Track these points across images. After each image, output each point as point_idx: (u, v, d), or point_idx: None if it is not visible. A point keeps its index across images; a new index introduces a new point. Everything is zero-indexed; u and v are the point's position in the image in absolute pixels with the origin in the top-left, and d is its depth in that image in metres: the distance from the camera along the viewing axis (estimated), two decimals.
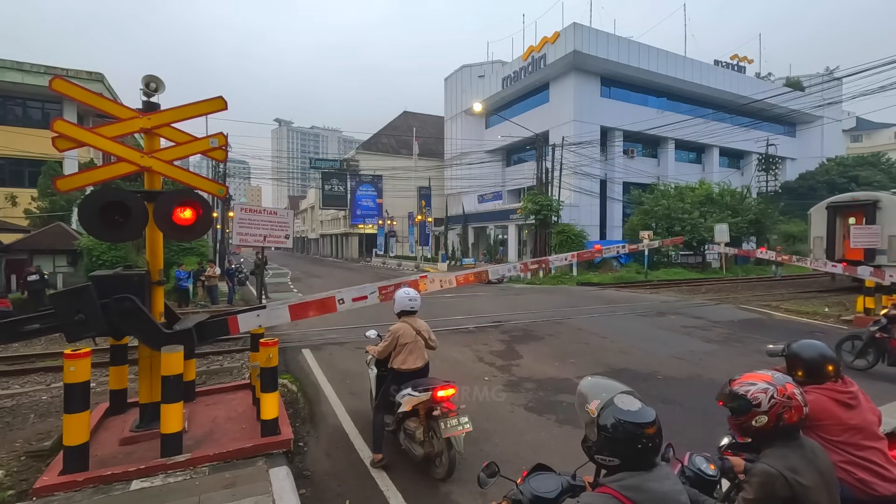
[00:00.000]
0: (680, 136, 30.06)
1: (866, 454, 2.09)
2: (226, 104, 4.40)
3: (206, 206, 4.02)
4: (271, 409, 4.06)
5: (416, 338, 4.14)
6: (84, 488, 3.32)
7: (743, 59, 37.30)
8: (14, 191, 20.24)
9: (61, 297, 3.62)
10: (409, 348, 4.09)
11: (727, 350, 7.99)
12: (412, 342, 4.11)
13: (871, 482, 2.04)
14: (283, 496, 3.28)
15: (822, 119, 39.58)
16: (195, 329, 3.94)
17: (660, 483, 1.40)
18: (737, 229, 22.85)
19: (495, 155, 38.48)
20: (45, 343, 9.77)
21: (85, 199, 3.77)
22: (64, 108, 20.54)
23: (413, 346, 4.11)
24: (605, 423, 1.45)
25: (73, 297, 3.55)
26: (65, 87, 3.92)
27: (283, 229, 8.62)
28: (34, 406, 5.73)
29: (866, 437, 2.14)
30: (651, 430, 1.41)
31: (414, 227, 36.71)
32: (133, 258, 14.77)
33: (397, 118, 51.94)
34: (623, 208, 31.21)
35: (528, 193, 25.66)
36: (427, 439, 3.78)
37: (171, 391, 3.65)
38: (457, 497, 3.49)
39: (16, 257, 16.73)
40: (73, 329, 3.51)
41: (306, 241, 73.79)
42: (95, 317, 3.55)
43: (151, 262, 4.22)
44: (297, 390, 5.95)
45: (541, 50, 30.43)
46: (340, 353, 7.95)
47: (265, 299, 14.32)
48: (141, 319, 3.78)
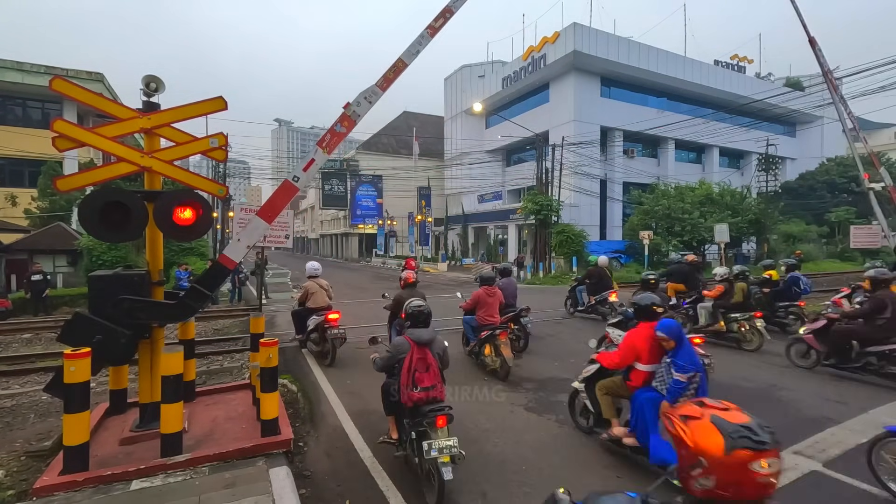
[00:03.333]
0: (680, 136, 30.06)
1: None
2: (226, 104, 4.40)
3: (206, 206, 4.02)
4: (271, 409, 4.06)
5: (319, 289, 7.61)
6: (84, 488, 3.32)
7: (743, 59, 37.32)
8: (14, 191, 20.25)
9: (70, 333, 3.64)
10: (315, 296, 7.54)
11: (727, 349, 7.99)
12: (317, 292, 7.58)
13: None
14: (283, 496, 3.27)
15: (822, 119, 39.54)
16: (196, 283, 4.11)
17: None
18: (737, 229, 22.82)
19: (495, 155, 38.47)
20: (45, 343, 9.77)
21: (85, 199, 3.76)
22: (64, 108, 20.54)
23: (318, 294, 7.56)
24: None
25: (79, 325, 3.62)
26: (65, 87, 3.91)
27: (283, 229, 8.63)
28: (34, 406, 5.73)
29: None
30: None
31: (414, 227, 36.72)
32: (133, 258, 14.78)
33: (397, 118, 51.89)
34: (623, 208, 31.19)
35: (528, 193, 25.64)
36: (321, 342, 7.39)
37: (171, 391, 3.64)
38: (457, 497, 3.49)
39: (16, 257, 16.74)
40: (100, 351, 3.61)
41: (306, 241, 73.73)
42: (110, 332, 3.66)
43: (151, 262, 4.22)
44: (297, 390, 5.94)
45: (541, 50, 30.42)
46: (340, 352, 7.93)
47: (265, 299, 14.32)
48: (145, 307, 3.88)
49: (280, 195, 4.34)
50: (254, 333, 5.46)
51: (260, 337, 5.10)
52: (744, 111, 31.14)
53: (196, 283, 4.14)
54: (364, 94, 4.62)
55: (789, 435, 4.47)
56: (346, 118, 4.56)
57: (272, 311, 12.26)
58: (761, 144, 31.53)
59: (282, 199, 4.35)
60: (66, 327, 3.66)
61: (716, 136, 30.04)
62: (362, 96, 4.62)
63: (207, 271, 4.23)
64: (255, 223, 4.27)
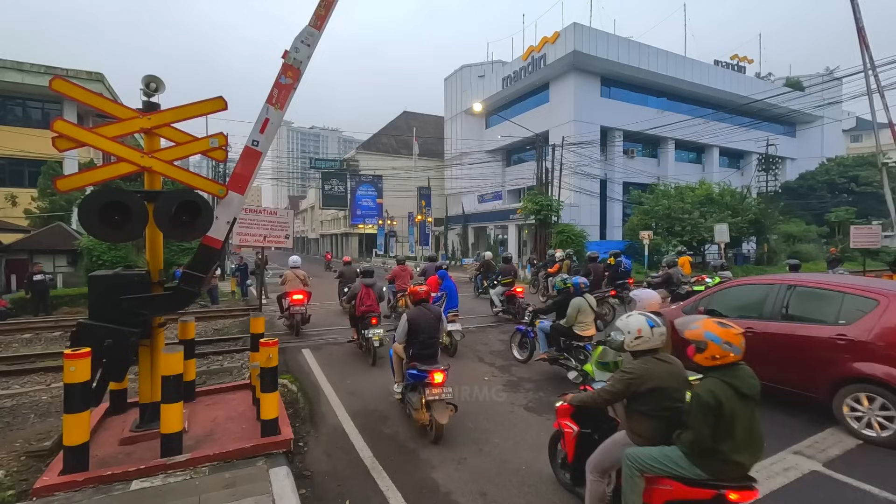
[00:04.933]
0: (680, 136, 30.04)
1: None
2: (226, 104, 4.39)
3: (207, 206, 4.02)
4: (271, 409, 4.06)
5: (295, 278, 9.48)
6: (84, 488, 3.32)
7: (743, 59, 37.29)
8: (14, 191, 20.24)
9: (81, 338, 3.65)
10: (292, 283, 9.43)
11: None
12: (293, 279, 9.46)
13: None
14: (283, 496, 3.27)
15: (822, 119, 39.57)
16: (187, 269, 4.12)
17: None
18: (737, 229, 22.82)
19: (495, 155, 38.46)
20: (45, 343, 9.78)
21: (85, 199, 3.76)
22: (64, 108, 20.55)
23: (294, 282, 9.44)
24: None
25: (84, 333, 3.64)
26: (65, 87, 3.91)
27: (283, 229, 8.63)
28: (34, 406, 5.72)
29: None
30: None
31: (414, 227, 36.68)
32: (133, 258, 14.78)
33: (397, 118, 51.88)
34: (623, 208, 31.18)
35: (528, 193, 25.62)
36: (290, 318, 9.26)
37: (171, 391, 3.64)
38: (457, 497, 3.49)
39: (16, 257, 16.74)
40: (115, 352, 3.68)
41: (306, 240, 73.71)
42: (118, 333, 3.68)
43: (151, 262, 4.21)
44: (297, 390, 5.95)
45: (541, 50, 30.41)
46: (340, 352, 7.95)
47: (265, 299, 14.31)
48: (146, 302, 3.89)
49: (244, 163, 4.30)
50: (254, 333, 5.46)
51: (260, 337, 5.11)
52: (744, 111, 31.14)
53: (187, 268, 4.13)
54: (300, 37, 4.44)
55: (789, 435, 4.47)
56: (290, 68, 4.38)
57: (272, 312, 12.25)
58: (761, 144, 31.58)
59: (247, 168, 4.30)
60: (73, 339, 3.68)
61: (716, 136, 30.02)
62: (299, 40, 4.43)
63: (196, 254, 4.21)
64: (230, 197, 4.24)
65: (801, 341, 4.86)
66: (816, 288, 5.17)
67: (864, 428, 4.36)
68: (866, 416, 4.37)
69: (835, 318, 4.73)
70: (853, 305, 4.68)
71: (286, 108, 4.46)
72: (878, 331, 4.36)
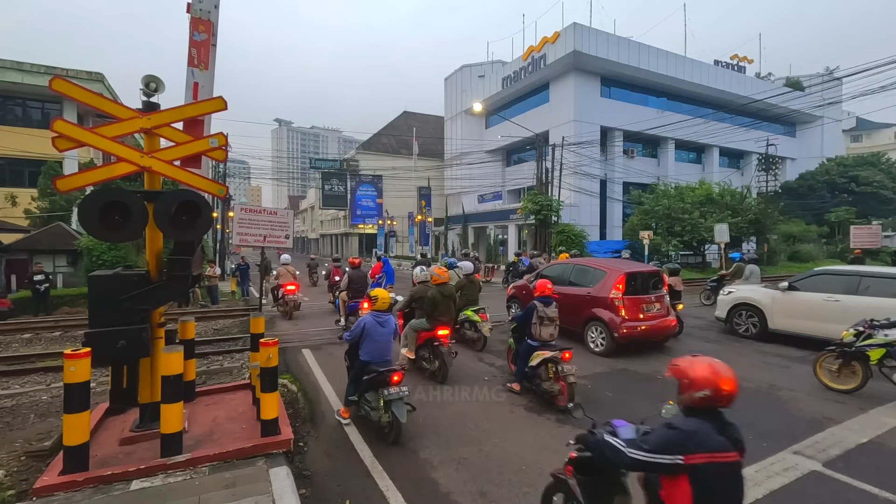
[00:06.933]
0: (680, 136, 30.04)
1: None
2: (225, 104, 4.39)
3: (206, 206, 4.02)
4: (271, 409, 4.06)
5: (286, 273, 11.65)
6: (84, 488, 3.32)
7: (743, 59, 37.27)
8: (14, 191, 20.21)
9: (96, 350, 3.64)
10: (285, 277, 11.57)
11: (727, 349, 7.99)
12: (285, 273, 11.66)
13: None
14: (283, 496, 3.27)
15: (822, 119, 39.56)
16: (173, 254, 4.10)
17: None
18: (737, 229, 22.83)
19: (495, 155, 38.45)
20: (45, 343, 9.77)
21: (85, 199, 3.76)
22: (64, 108, 20.52)
23: (285, 276, 11.61)
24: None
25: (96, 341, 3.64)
26: (65, 87, 3.91)
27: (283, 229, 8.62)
28: (34, 406, 5.72)
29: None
30: None
31: (414, 227, 36.67)
32: (133, 258, 14.77)
33: (397, 118, 51.90)
34: (623, 208, 31.18)
35: (528, 193, 25.62)
36: (284, 305, 11.49)
37: (171, 391, 3.64)
38: (457, 497, 3.49)
39: (16, 257, 16.73)
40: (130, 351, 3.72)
41: (306, 240, 73.72)
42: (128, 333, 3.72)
43: (151, 262, 4.21)
44: (297, 390, 5.95)
45: (541, 50, 30.41)
46: (340, 352, 7.90)
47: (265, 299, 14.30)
48: (146, 296, 3.92)
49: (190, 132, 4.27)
50: (254, 333, 5.46)
51: (260, 337, 5.10)
52: (744, 111, 31.14)
53: (173, 254, 4.10)
54: None
55: (789, 435, 4.48)
56: (200, 22, 4.28)
57: (272, 312, 12.26)
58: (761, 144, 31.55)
59: (196, 134, 4.26)
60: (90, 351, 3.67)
61: (716, 136, 30.02)
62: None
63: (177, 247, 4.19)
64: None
65: (575, 298, 8.06)
66: (585, 266, 8.73)
67: (592, 345, 7.75)
68: (596, 339, 7.69)
69: (590, 283, 8.13)
70: (597, 276, 8.08)
71: (212, 66, 4.26)
72: (603, 291, 7.70)
